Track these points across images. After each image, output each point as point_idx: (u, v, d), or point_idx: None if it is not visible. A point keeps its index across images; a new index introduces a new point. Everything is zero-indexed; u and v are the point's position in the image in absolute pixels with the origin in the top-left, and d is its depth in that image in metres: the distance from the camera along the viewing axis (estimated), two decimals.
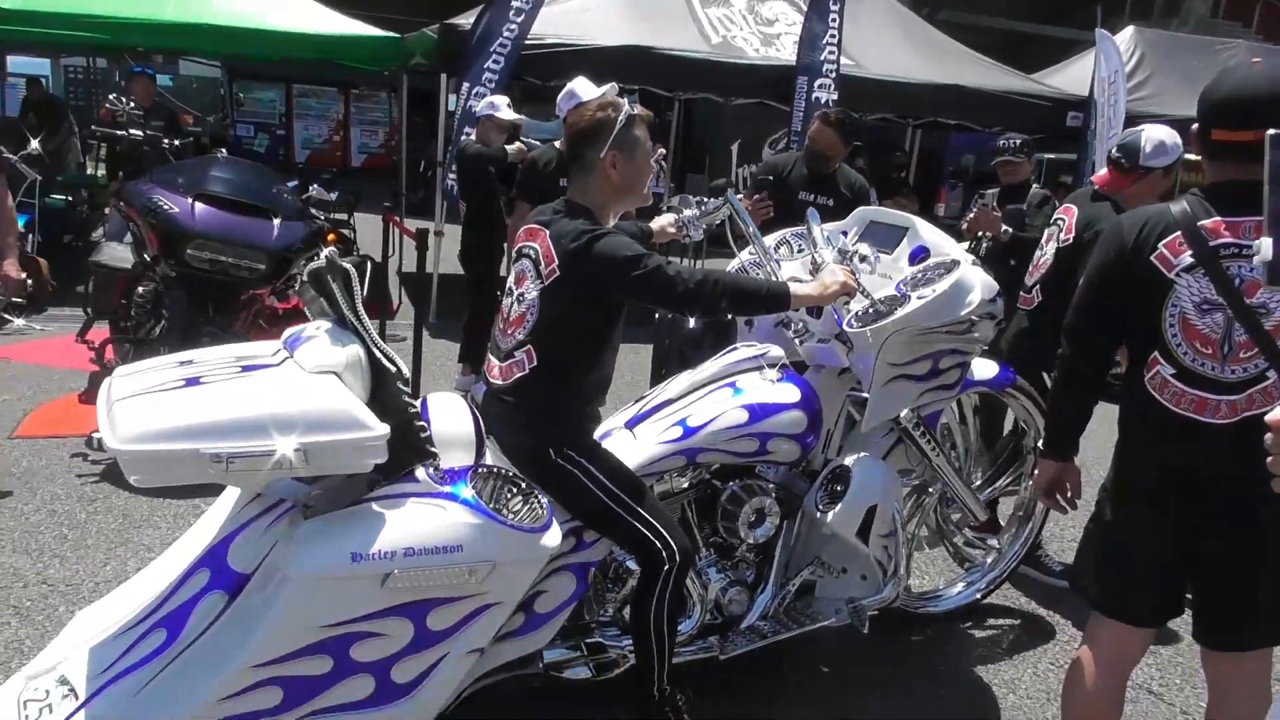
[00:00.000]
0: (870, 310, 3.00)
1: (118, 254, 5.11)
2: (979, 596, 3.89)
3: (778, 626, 3.17)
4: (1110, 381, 2.52)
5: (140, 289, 4.83)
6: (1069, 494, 2.65)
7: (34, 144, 7.43)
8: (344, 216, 7.74)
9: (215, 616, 2.42)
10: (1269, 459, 1.51)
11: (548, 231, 2.73)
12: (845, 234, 3.41)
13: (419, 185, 13.24)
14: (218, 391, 2.36)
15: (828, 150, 4.88)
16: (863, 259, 3.09)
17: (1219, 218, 2.22)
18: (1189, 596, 2.43)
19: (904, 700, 3.25)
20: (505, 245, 5.43)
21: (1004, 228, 4.89)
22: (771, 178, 5.05)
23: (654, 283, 2.61)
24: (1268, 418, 1.51)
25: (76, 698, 2.36)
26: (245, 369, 2.50)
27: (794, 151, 5.71)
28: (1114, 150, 4.08)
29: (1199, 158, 2.38)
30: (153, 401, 2.31)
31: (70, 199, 8.66)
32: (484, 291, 6.17)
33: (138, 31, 8.55)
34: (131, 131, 5.83)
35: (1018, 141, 5.64)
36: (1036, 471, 2.72)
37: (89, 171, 10.70)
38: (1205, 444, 2.25)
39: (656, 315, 4.90)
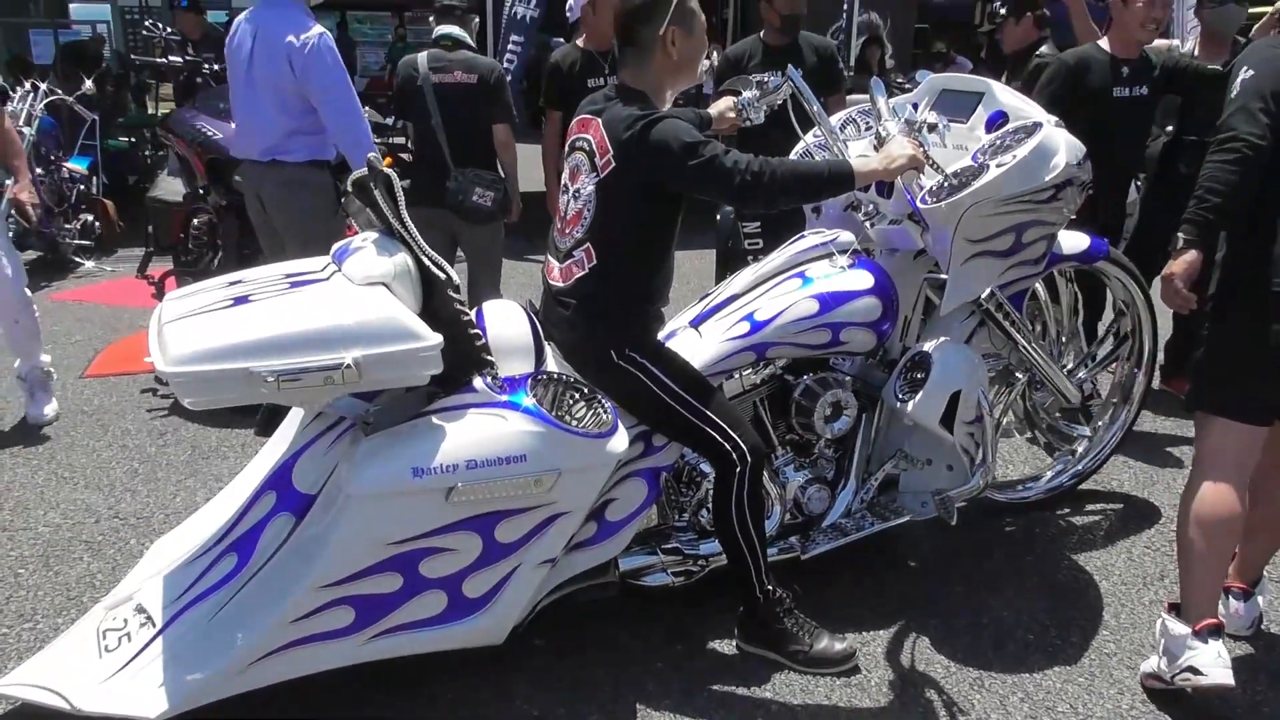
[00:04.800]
0: (944, 185, 2.80)
1: (173, 187, 5.08)
2: (1071, 484, 3.71)
3: (860, 523, 3.05)
4: None
5: (195, 220, 4.80)
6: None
7: (87, 83, 7.41)
8: (401, 140, 7.64)
9: (284, 538, 2.40)
10: None
11: (600, 120, 2.58)
12: (915, 106, 3.19)
13: None
14: (266, 309, 2.29)
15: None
16: (931, 128, 2.86)
17: None
18: None
19: (988, 591, 3.11)
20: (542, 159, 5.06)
21: None
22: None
23: (711, 172, 2.45)
24: None
25: (154, 625, 2.36)
26: (293, 284, 2.43)
27: (751, 38, 4.79)
28: None
29: None
30: (201, 322, 2.26)
31: (133, 140, 8.68)
32: None
33: None
34: (170, 59, 5.70)
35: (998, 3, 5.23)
36: (1171, 265, 2.52)
37: (150, 112, 10.71)
38: None
39: (719, 217, 4.73)
